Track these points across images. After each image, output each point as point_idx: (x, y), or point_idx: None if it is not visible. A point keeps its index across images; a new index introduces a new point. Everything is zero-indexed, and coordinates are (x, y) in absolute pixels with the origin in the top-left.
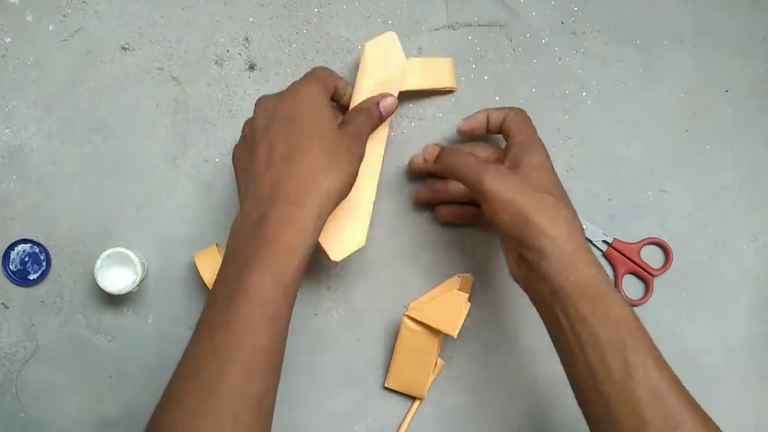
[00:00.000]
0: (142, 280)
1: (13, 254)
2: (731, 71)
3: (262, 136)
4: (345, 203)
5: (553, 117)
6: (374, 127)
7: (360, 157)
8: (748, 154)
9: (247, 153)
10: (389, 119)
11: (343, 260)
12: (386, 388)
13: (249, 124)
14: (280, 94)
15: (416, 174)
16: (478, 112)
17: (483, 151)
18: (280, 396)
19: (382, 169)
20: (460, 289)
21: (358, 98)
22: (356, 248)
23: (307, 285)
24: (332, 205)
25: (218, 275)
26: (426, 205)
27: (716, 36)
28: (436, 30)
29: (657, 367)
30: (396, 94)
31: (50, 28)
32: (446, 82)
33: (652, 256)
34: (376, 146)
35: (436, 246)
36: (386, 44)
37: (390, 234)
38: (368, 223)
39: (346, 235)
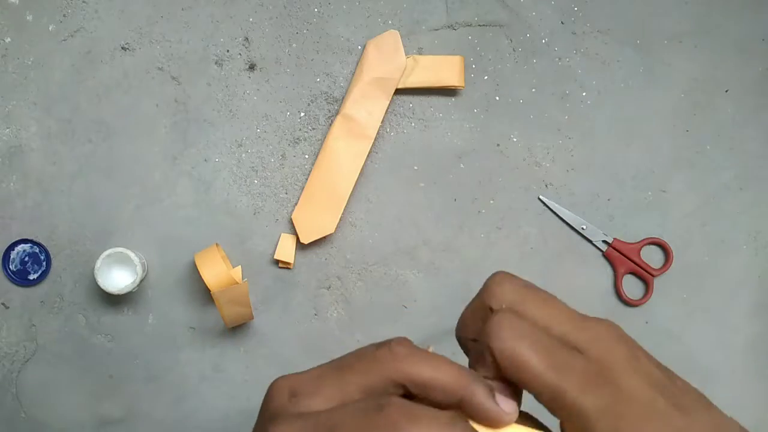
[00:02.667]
0: (142, 280)
1: (13, 254)
2: (731, 71)
3: None
4: (323, 195)
5: (553, 117)
6: None
7: None
8: (748, 154)
9: None
10: (381, 114)
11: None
12: None
13: None
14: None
15: None
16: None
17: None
18: None
19: (364, 165)
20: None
21: (353, 94)
22: (324, 234)
23: (307, 285)
24: None
25: None
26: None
27: (716, 36)
28: (436, 30)
29: None
30: (392, 92)
31: (50, 28)
32: (454, 80)
33: (652, 256)
34: (361, 142)
35: (436, 246)
36: (388, 42)
37: (390, 234)
38: (340, 215)
39: (318, 223)
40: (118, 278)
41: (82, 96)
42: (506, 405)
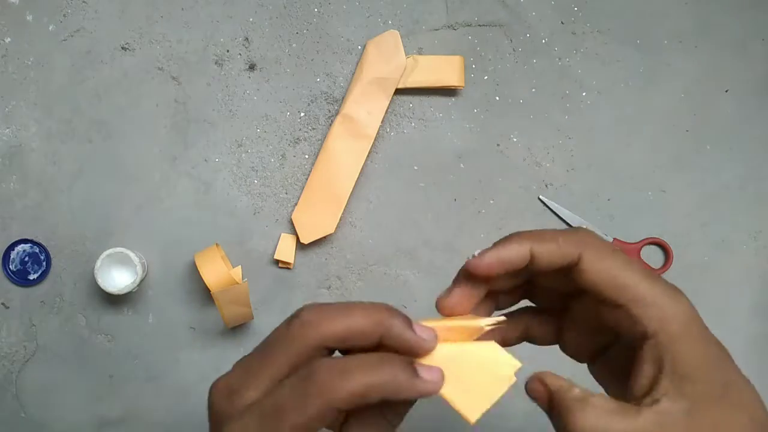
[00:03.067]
0: (142, 280)
1: (13, 254)
2: (731, 71)
3: None
4: (323, 195)
5: (553, 117)
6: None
7: None
8: (748, 154)
9: None
10: (381, 114)
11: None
12: None
13: None
14: None
15: None
16: (506, 241)
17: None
18: None
19: (364, 165)
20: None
21: (353, 94)
22: (324, 234)
23: (307, 285)
24: None
25: None
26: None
27: (716, 36)
28: (436, 30)
29: None
30: (392, 92)
31: (50, 28)
32: (454, 80)
33: (652, 256)
34: (361, 142)
35: (436, 246)
36: (388, 42)
37: (390, 234)
38: (340, 215)
39: (318, 223)
40: (118, 278)
41: (82, 96)
42: (424, 332)
